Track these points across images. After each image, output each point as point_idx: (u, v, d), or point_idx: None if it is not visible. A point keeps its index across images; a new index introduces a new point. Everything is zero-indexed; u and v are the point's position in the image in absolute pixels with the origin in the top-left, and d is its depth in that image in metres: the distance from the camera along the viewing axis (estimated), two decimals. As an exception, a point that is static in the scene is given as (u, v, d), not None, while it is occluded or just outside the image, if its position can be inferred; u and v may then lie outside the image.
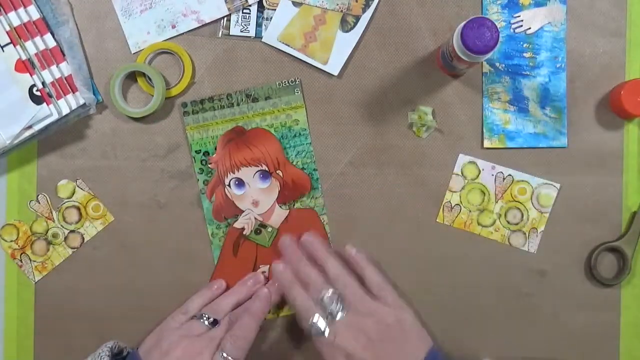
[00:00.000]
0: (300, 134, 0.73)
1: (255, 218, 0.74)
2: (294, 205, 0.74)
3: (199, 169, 0.73)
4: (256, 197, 0.74)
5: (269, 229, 0.74)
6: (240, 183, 0.74)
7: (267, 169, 0.73)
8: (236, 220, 0.74)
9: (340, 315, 0.66)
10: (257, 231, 0.73)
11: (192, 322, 0.68)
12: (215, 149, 0.73)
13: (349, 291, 0.67)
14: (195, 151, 0.73)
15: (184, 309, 0.70)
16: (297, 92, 0.73)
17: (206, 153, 0.73)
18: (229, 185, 0.74)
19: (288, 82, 0.73)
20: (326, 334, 0.65)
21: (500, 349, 0.74)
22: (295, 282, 0.69)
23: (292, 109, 0.73)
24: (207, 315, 0.68)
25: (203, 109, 0.73)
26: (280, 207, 0.74)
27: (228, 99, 0.73)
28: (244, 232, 0.74)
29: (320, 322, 0.66)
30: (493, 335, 0.74)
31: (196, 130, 0.73)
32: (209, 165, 0.73)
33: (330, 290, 0.67)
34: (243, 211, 0.74)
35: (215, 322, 0.68)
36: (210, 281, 0.74)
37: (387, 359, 0.65)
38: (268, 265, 0.74)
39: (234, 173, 0.74)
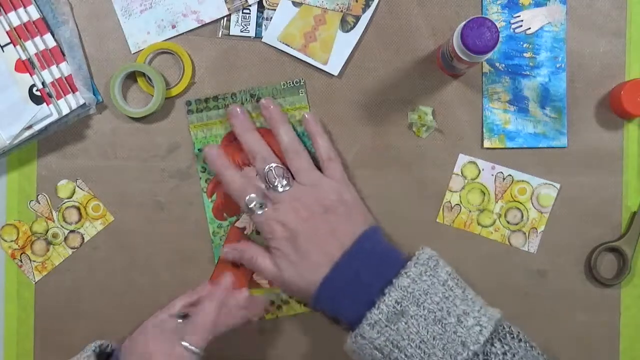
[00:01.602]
0: (303, 134, 0.73)
1: None
2: None
3: (201, 167, 0.73)
4: None
5: None
6: None
7: None
8: (237, 220, 0.74)
9: (283, 188, 0.66)
10: (258, 231, 0.73)
11: (169, 319, 0.67)
12: (219, 148, 0.73)
13: (297, 161, 0.68)
14: (198, 149, 0.73)
15: (168, 307, 0.69)
16: (302, 93, 0.73)
17: None
18: None
19: (293, 83, 0.73)
20: (265, 208, 0.66)
21: (500, 349, 0.74)
22: (229, 166, 0.69)
23: (296, 110, 0.73)
24: (182, 313, 0.67)
25: (207, 107, 0.73)
26: None
27: (232, 98, 0.73)
28: (245, 232, 0.74)
29: (257, 198, 0.66)
30: (493, 335, 0.74)
31: (200, 129, 0.73)
32: None
33: (274, 164, 0.68)
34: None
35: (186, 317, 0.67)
36: (210, 280, 0.73)
37: (325, 231, 0.65)
38: None
39: None
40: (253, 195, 0.67)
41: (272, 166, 0.68)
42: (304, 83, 0.73)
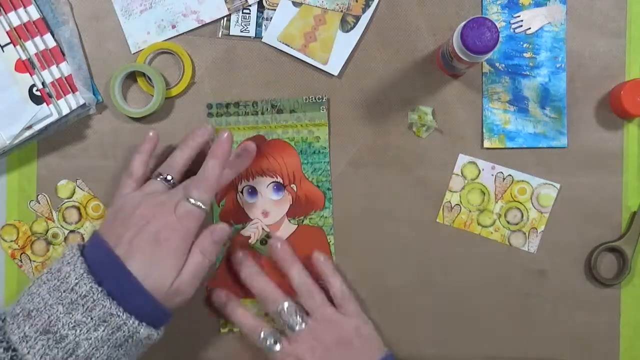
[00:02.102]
0: (320, 151, 0.73)
1: (263, 228, 0.73)
2: (303, 221, 0.73)
3: None
4: (267, 208, 0.73)
5: None
6: (253, 191, 0.73)
7: (281, 181, 0.73)
8: (243, 228, 0.74)
9: (299, 327, 0.67)
10: (263, 241, 0.73)
11: (148, 182, 0.66)
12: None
13: (311, 299, 0.68)
14: None
15: (127, 172, 0.67)
16: (323, 110, 0.73)
17: None
18: (242, 192, 0.73)
19: (315, 99, 0.73)
20: (277, 348, 0.67)
21: (499, 349, 0.74)
22: (238, 305, 0.70)
23: (315, 126, 0.73)
24: (161, 175, 0.66)
25: (227, 112, 0.73)
26: (289, 221, 0.73)
27: (253, 107, 0.73)
28: (250, 241, 0.74)
29: (270, 335, 0.67)
30: (493, 335, 0.74)
31: (217, 134, 0.73)
32: None
33: (286, 303, 0.68)
34: (251, 219, 0.73)
35: (172, 182, 0.66)
36: (209, 287, 0.73)
37: None
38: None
39: (248, 181, 0.73)
40: (267, 331, 0.68)
41: (284, 306, 0.68)
42: (327, 100, 0.73)
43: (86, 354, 0.57)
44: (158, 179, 0.67)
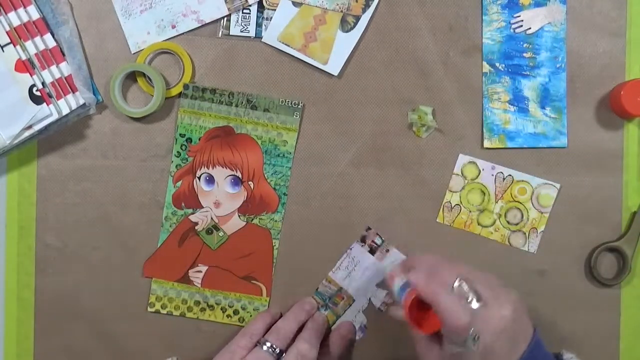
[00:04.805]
0: (284, 155, 0.73)
1: (212, 218, 0.74)
2: (252, 220, 0.74)
3: (177, 152, 0.73)
4: (220, 199, 0.74)
5: (221, 233, 0.74)
6: (210, 180, 0.74)
7: (240, 176, 0.73)
8: (193, 213, 0.74)
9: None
10: (209, 231, 0.73)
11: (259, 351, 0.67)
12: (200, 139, 0.73)
13: None
14: (180, 134, 0.73)
15: (248, 332, 0.69)
16: (296, 116, 0.73)
17: (189, 140, 0.73)
18: (199, 178, 0.74)
19: (291, 103, 0.73)
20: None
21: (500, 349, 0.74)
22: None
23: (285, 129, 0.73)
24: (273, 345, 0.67)
25: (202, 97, 0.73)
26: (239, 216, 0.74)
27: (229, 97, 0.73)
28: (196, 227, 0.74)
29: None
30: (493, 335, 0.74)
31: (187, 115, 0.73)
32: (187, 153, 0.73)
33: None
34: (203, 207, 0.74)
35: (281, 353, 0.67)
36: (144, 264, 0.73)
37: None
38: (206, 266, 0.74)
39: (207, 168, 0.74)
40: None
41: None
42: (303, 106, 0.73)
43: None
44: (265, 348, 0.67)
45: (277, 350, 0.67)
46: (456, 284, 0.60)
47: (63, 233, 0.74)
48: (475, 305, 0.59)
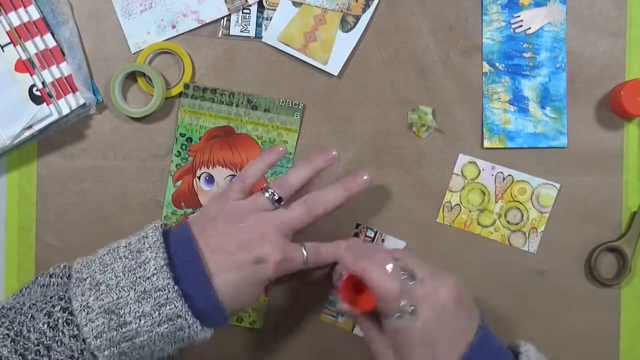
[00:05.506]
0: (284, 156, 0.73)
1: None
2: None
3: (177, 151, 0.73)
4: None
5: None
6: (210, 180, 0.74)
7: None
8: (192, 213, 0.74)
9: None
10: None
11: (256, 194, 0.64)
12: (200, 139, 0.73)
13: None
14: (180, 134, 0.73)
15: (241, 175, 0.65)
16: (297, 116, 0.73)
17: (189, 139, 0.73)
18: (199, 178, 0.74)
19: (291, 104, 0.73)
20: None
21: (500, 349, 0.74)
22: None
23: (286, 130, 0.73)
24: (271, 190, 0.63)
25: (203, 97, 0.73)
26: None
27: (230, 97, 0.73)
28: None
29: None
30: (493, 335, 0.74)
31: (188, 115, 0.73)
32: (187, 152, 0.73)
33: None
34: (202, 206, 0.74)
35: (280, 201, 0.63)
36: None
37: None
38: None
39: (207, 168, 0.74)
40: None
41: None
42: (303, 107, 0.73)
43: (142, 344, 0.56)
44: (266, 194, 0.64)
45: (277, 197, 0.63)
46: (389, 265, 0.59)
47: (63, 233, 0.74)
48: (410, 281, 0.58)
